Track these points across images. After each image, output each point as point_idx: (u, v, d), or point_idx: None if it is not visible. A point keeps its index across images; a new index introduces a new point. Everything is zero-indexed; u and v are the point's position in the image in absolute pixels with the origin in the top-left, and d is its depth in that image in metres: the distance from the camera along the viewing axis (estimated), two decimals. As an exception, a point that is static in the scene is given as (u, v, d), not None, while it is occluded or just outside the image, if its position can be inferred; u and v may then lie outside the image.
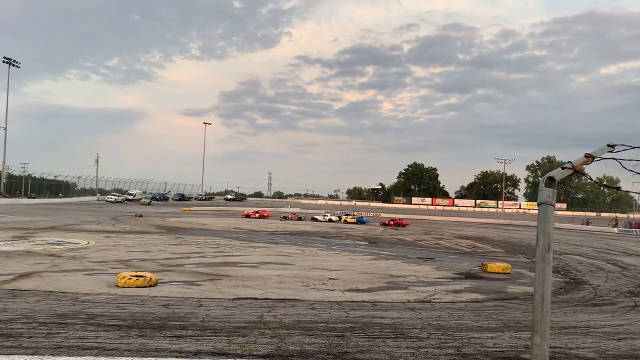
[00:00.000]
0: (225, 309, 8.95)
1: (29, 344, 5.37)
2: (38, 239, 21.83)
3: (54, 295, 9.96)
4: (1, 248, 17.78)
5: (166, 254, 18.33)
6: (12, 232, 24.25)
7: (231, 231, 33.63)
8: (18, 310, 7.95)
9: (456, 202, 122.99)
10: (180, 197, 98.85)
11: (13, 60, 75.27)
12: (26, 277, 12.21)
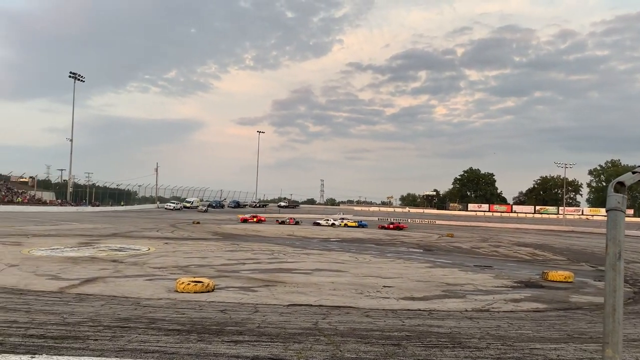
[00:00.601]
0: (281, 315, 9.02)
1: (95, 346, 5.59)
2: (102, 245, 22.77)
3: (117, 299, 10.34)
4: (68, 254, 18.66)
5: (222, 260, 18.69)
6: (78, 239, 25.42)
7: (284, 238, 33.95)
8: (84, 314, 8.29)
9: (514, 208, 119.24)
10: (235, 204, 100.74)
11: (78, 75, 79.26)
12: (91, 282, 12.75)
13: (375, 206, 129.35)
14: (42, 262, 16.00)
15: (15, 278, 12.82)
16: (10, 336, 6.12)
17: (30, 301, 9.69)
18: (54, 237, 26.16)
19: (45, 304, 9.37)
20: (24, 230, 30.39)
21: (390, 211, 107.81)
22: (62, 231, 31.45)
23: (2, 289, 11.20)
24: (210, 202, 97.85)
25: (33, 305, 9.19)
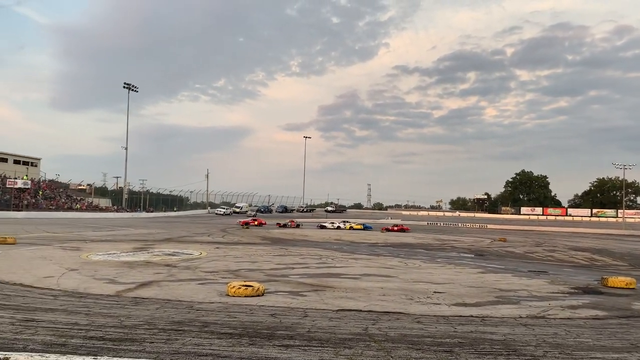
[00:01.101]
0: (330, 320, 9.02)
1: (151, 348, 5.76)
2: (156, 250, 23.45)
3: (171, 303, 10.61)
4: (124, 259, 19.31)
5: (271, 265, 18.88)
6: (133, 244, 26.29)
7: (332, 242, 33.98)
8: (140, 317, 8.56)
9: (570, 211, 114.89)
10: (283, 209, 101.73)
11: (132, 86, 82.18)
12: (146, 285, 13.13)
13: (424, 210, 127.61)
14: (100, 267, 16.62)
15: (76, 282, 13.36)
16: (72, 337, 6.39)
17: (90, 304, 10.08)
18: (110, 243, 27.16)
19: (104, 307, 9.72)
20: (82, 236, 31.71)
21: (440, 215, 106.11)
22: (118, 236, 32.62)
23: (63, 292, 11.70)
24: (258, 207, 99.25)
25: (92, 308, 9.56)
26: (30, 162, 77.79)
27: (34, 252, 20.67)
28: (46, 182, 76.40)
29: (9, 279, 13.37)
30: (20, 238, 25.96)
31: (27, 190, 62.98)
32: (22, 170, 71.39)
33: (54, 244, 24.43)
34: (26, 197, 63.09)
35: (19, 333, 6.76)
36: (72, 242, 26.39)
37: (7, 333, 6.78)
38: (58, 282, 13.22)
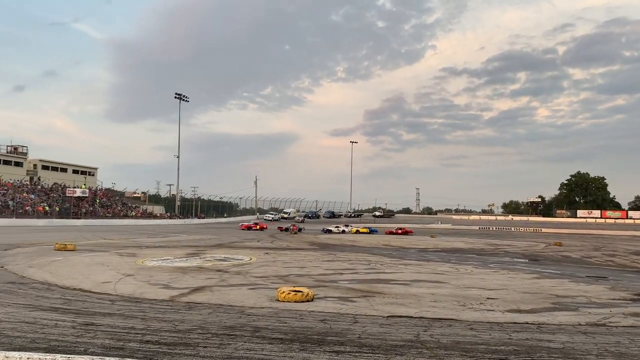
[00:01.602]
0: (381, 326, 8.94)
1: (205, 353, 5.86)
2: (208, 255, 23.93)
3: (223, 308, 10.78)
4: (177, 264, 19.80)
5: (320, 270, 18.91)
6: (186, 250, 26.93)
7: (380, 248, 33.73)
8: (194, 322, 8.74)
9: (630, 214, 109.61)
10: (330, 214, 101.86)
11: (183, 96, 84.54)
12: (199, 290, 13.41)
13: (475, 214, 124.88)
14: (154, 272, 17.10)
15: (132, 287, 13.79)
16: (130, 341, 6.59)
17: (145, 309, 10.37)
18: (164, 249, 27.92)
19: (158, 312, 9.98)
20: (137, 242, 32.74)
21: (492, 219, 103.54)
22: (172, 242, 33.50)
23: (120, 297, 12.10)
24: (306, 212, 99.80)
25: (148, 312, 9.84)
26: (87, 172, 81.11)
27: (93, 258, 21.50)
28: (103, 190, 79.42)
29: (70, 284, 13.95)
30: (79, 245, 27.07)
31: (85, 198, 65.64)
32: (80, 180, 74.53)
33: (111, 251, 25.33)
34: (84, 205, 65.76)
35: (80, 336, 7.04)
36: (128, 248, 27.29)
37: (69, 336, 7.07)
38: (115, 287, 13.68)
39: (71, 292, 12.67)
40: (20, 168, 69.09)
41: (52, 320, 8.58)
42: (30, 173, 70.90)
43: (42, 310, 9.78)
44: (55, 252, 23.40)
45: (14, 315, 9.04)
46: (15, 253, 22.48)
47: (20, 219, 52.45)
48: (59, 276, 15.59)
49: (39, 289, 13.11)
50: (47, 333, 7.38)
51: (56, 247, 24.43)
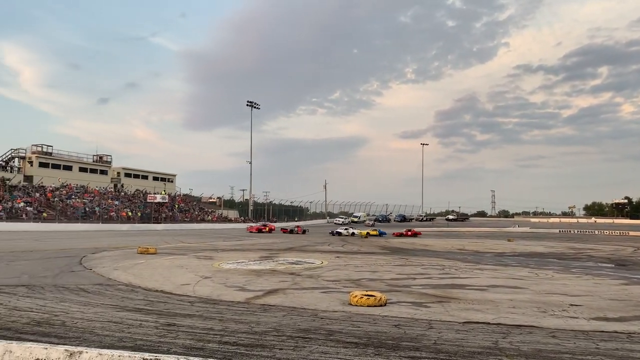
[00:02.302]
0: (457, 332, 8.71)
1: (281, 355, 5.95)
2: (280, 259, 24.33)
3: (296, 310, 10.91)
4: (252, 267, 20.26)
5: (392, 275, 18.71)
6: (259, 253, 27.52)
7: (455, 252, 32.90)
8: (269, 324, 8.90)
9: None
10: (401, 218, 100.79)
11: (254, 103, 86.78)
12: (273, 293, 13.64)
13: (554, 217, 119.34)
14: (230, 275, 17.58)
15: (209, 289, 14.25)
16: (209, 342, 6.81)
17: (223, 310, 10.68)
18: (239, 252, 28.67)
19: (235, 313, 10.24)
20: (214, 246, 33.84)
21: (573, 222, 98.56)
22: (246, 246, 34.36)
23: (199, 299, 12.54)
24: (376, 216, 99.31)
25: (225, 314, 10.12)
26: (167, 179, 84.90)
27: (172, 261, 22.43)
28: (181, 196, 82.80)
29: (152, 286, 14.62)
30: (160, 248, 28.35)
31: (165, 204, 68.71)
32: (160, 186, 78.17)
33: (189, 254, 26.32)
34: (164, 211, 68.85)
35: (162, 336, 7.35)
36: (205, 251, 28.25)
37: (153, 336, 7.40)
38: (194, 289, 14.19)
39: (153, 294, 13.26)
40: (105, 176, 73.39)
41: (137, 320, 9.02)
42: (114, 180, 75.15)
43: (127, 310, 10.31)
44: (138, 255, 24.64)
45: (103, 315, 9.59)
46: (102, 256, 23.87)
47: (105, 224, 55.69)
48: (142, 278, 16.38)
49: (124, 290, 13.84)
50: (133, 333, 7.76)
51: (139, 251, 25.71)
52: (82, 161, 70.57)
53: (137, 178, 79.94)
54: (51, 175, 63.04)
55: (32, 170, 62.57)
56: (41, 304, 10.68)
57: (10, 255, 22.25)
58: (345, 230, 53.62)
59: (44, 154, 64.71)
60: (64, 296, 12.11)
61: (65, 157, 68.12)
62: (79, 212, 56.29)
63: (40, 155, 63.89)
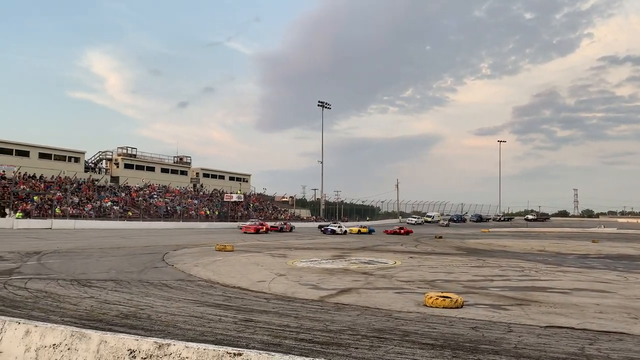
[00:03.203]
0: (538, 337, 8.36)
1: (357, 354, 5.97)
2: (353, 258, 24.37)
3: (370, 310, 10.89)
4: (324, 266, 20.44)
5: (468, 276, 18.25)
6: (331, 252, 27.71)
7: (535, 253, 31.55)
8: (343, 322, 8.95)
9: None
10: (477, 218, 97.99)
11: (325, 103, 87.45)
12: (346, 292, 13.70)
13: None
14: (304, 273, 17.83)
15: (284, 286, 14.52)
16: (286, 339, 6.95)
17: (297, 308, 10.86)
18: (312, 250, 29.01)
19: (309, 311, 10.38)
20: (287, 244, 34.44)
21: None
22: (318, 245, 34.70)
23: (274, 296, 12.81)
24: (451, 216, 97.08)
25: (300, 311, 10.28)
26: (242, 178, 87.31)
27: (248, 258, 23.06)
28: (255, 195, 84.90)
29: (229, 282, 15.10)
30: (236, 246, 29.22)
31: (241, 203, 70.76)
32: (236, 186, 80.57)
33: (264, 252, 26.94)
34: (240, 209, 70.89)
35: (241, 332, 7.59)
36: (279, 249, 28.82)
37: (232, 331, 7.66)
38: (269, 286, 14.52)
39: (231, 290, 13.69)
40: (185, 176, 76.57)
41: (217, 315, 9.36)
42: (193, 180, 78.25)
43: (207, 305, 10.72)
44: (216, 252, 25.52)
45: (184, 309, 10.03)
46: (183, 253, 24.93)
47: (185, 222, 58.14)
48: (220, 275, 16.96)
49: (203, 286, 14.39)
50: (213, 327, 8.07)
51: (216, 248, 26.64)
52: (164, 162, 73.98)
53: (214, 178, 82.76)
54: (135, 175, 66.58)
55: (118, 171, 66.39)
56: (128, 298, 11.32)
57: (99, 252, 23.74)
58: (339, 228, 53.08)
59: (129, 156, 68.47)
60: (148, 291, 12.78)
61: (148, 159, 71.71)
62: (161, 211, 59.09)
63: (125, 157, 67.66)
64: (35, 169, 53.68)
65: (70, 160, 59.40)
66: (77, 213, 49.13)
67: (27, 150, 54.85)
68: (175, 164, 75.90)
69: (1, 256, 19.37)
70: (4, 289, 11.82)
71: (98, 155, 67.29)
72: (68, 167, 57.51)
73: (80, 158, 61.01)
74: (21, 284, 12.65)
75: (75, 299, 10.88)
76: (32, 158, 54.88)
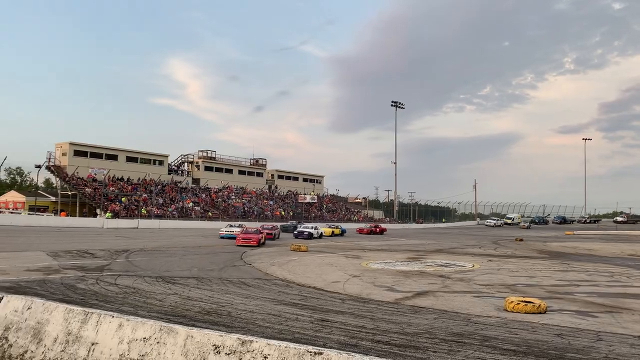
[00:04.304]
0: (632, 347, 7.85)
1: (435, 358, 5.88)
2: (428, 260, 23.96)
3: (447, 314, 10.67)
4: (399, 268, 20.24)
5: (552, 281, 17.43)
6: (406, 254, 27.38)
7: (625, 258, 29.57)
8: (420, 325, 8.83)
9: None
10: (560, 220, 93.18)
11: (399, 103, 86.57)
12: (422, 295, 13.50)
13: None
14: (378, 274, 17.75)
15: (358, 287, 14.53)
16: (362, 340, 6.96)
17: (373, 309, 10.83)
18: (386, 252, 28.82)
19: (385, 313, 10.32)
20: (360, 245, 34.41)
21: None
22: (392, 246, 34.40)
23: (349, 297, 12.85)
24: (532, 217, 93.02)
25: (375, 313, 10.25)
26: (315, 180, 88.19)
27: (322, 259, 23.27)
28: (328, 196, 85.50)
29: (304, 282, 15.31)
30: (310, 246, 29.59)
31: (314, 204, 71.54)
32: (309, 187, 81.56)
33: (338, 252, 27.08)
34: (313, 210, 71.69)
35: (317, 331, 7.68)
36: (353, 250, 28.86)
37: (309, 330, 7.77)
38: (344, 287, 14.58)
39: (306, 290, 13.88)
40: (261, 178, 78.48)
41: (293, 314, 9.53)
42: (268, 182, 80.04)
43: (284, 304, 10.94)
44: (291, 252, 25.97)
45: (263, 307, 10.29)
46: (260, 252, 25.56)
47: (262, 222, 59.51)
48: (296, 274, 17.23)
49: (280, 285, 14.69)
50: (291, 326, 8.22)
51: (292, 248, 27.10)
52: (241, 165, 76.18)
53: (288, 179, 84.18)
54: (215, 177, 69.07)
55: (198, 173, 69.12)
56: (209, 295, 11.77)
57: (182, 250, 24.84)
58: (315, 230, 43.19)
59: (209, 159, 71.09)
60: (228, 288, 13.22)
61: (227, 161, 74.12)
62: (239, 212, 60.89)
63: (205, 160, 70.31)
64: (123, 171, 56.97)
65: (154, 163, 62.50)
66: (161, 213, 51.66)
67: (115, 154, 58.27)
68: (251, 166, 77.93)
69: (94, 254, 20.74)
70: (96, 284, 12.66)
71: (180, 158, 70.37)
72: (153, 170, 60.60)
73: (164, 161, 64.06)
74: (111, 280, 13.49)
75: (160, 295, 11.46)
76: (120, 161, 58.25)
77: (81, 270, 15.63)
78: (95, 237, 31.47)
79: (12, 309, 6.12)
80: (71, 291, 11.35)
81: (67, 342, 5.36)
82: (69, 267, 16.28)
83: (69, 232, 34.22)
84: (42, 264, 16.66)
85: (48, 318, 5.69)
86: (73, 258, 18.89)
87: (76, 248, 22.29)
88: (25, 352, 5.58)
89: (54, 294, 10.64)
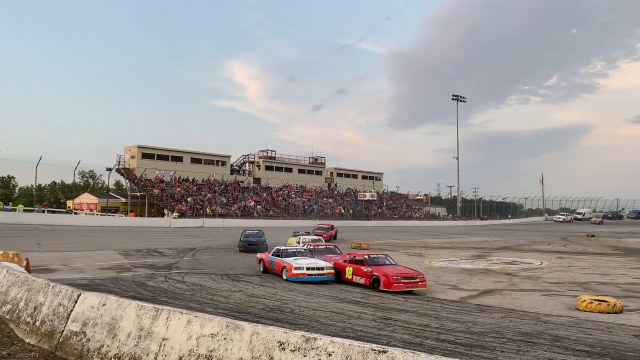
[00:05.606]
0: None
1: (503, 358, 5.71)
2: (494, 258, 23.30)
3: (515, 313, 10.34)
4: (463, 266, 19.80)
5: (628, 279, 16.53)
6: (471, 252, 26.74)
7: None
8: (486, 325, 8.60)
9: None
10: (636, 214, 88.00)
11: (460, 97, 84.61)
12: (488, 293, 13.15)
13: None
14: (441, 273, 17.45)
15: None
16: (426, 339, 6.86)
17: (437, 308, 10.66)
18: (449, 250, 28.26)
19: (450, 312, 10.14)
20: (422, 243, 33.92)
21: None
22: (456, 244, 33.71)
23: (413, 295, 12.70)
24: (605, 212, 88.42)
25: (439, 312, 10.09)
26: (374, 177, 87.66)
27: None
28: (388, 193, 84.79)
29: (367, 280, 15.23)
30: (371, 244, 29.46)
31: (374, 201, 71.16)
32: (368, 185, 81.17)
33: (399, 250, 26.81)
34: (373, 208, 71.36)
35: (381, 329, 7.64)
36: (415, 248, 28.48)
37: (372, 329, 7.74)
38: (407, 285, 14.40)
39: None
40: (320, 176, 78.86)
41: (356, 312, 9.53)
42: (327, 180, 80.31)
43: (346, 302, 10.96)
44: (352, 250, 25.92)
45: (325, 305, 10.35)
46: (321, 250, 25.70)
47: (322, 220, 59.86)
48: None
49: (341, 282, 14.69)
50: (353, 324, 8.22)
51: (352, 246, 27.11)
52: (300, 163, 76.87)
53: (347, 177, 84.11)
54: (275, 177, 70.06)
55: (259, 173, 70.35)
56: (272, 292, 11.97)
57: (245, 248, 25.35)
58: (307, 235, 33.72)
59: (269, 158, 72.20)
60: (290, 286, 13.38)
61: (286, 160, 75.01)
62: (299, 210, 61.53)
63: (266, 160, 71.47)
64: (188, 172, 58.83)
65: (217, 164, 64.14)
66: (224, 212, 53.00)
67: (180, 156, 60.23)
68: (310, 164, 78.46)
69: (162, 252, 21.56)
70: (165, 282, 13.15)
71: (242, 158, 71.85)
72: (216, 170, 62.21)
73: (226, 162, 65.61)
74: (179, 278, 13.97)
75: (225, 292, 11.77)
76: (185, 163, 60.18)
77: (151, 268, 16.28)
78: (163, 236, 32.70)
79: (89, 305, 6.47)
80: (142, 288, 11.86)
81: (139, 337, 5.60)
82: (139, 265, 17.00)
83: (138, 231, 35.74)
84: (114, 262, 17.50)
85: (121, 314, 5.98)
86: (143, 256, 19.72)
87: (145, 247, 23.23)
88: (101, 346, 5.88)
89: (126, 291, 11.15)
